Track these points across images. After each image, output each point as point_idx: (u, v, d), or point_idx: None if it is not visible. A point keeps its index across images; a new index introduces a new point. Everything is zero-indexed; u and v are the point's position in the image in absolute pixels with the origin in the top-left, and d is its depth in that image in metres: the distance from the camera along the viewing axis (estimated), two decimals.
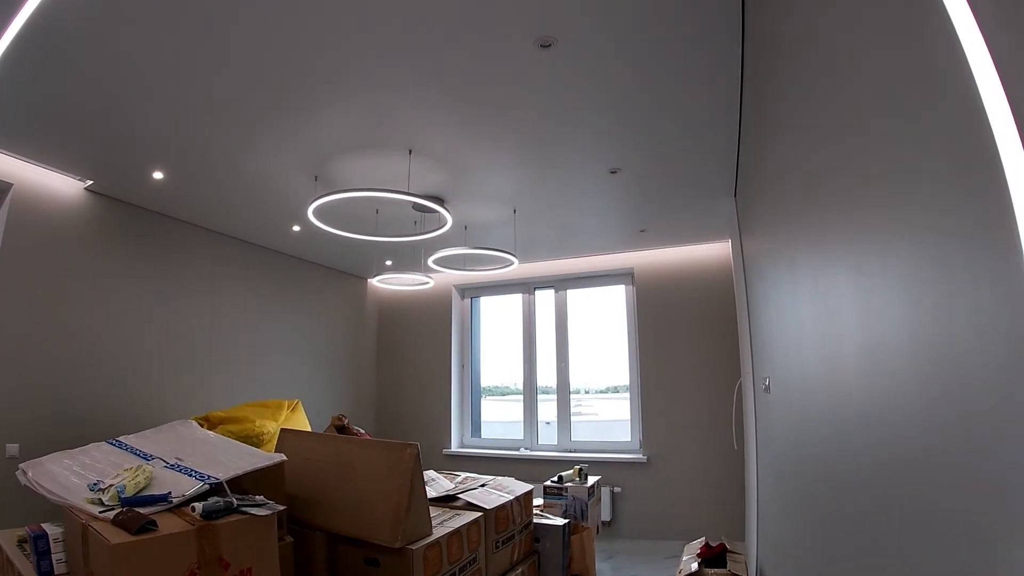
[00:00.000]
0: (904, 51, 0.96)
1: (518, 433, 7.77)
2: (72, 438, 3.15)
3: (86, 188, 4.88)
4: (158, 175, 4.66)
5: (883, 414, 1.18)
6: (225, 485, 2.24)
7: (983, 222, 0.72)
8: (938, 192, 0.86)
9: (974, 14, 0.70)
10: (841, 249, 1.47)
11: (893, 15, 1.01)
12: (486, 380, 8.47)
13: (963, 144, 0.75)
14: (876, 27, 1.11)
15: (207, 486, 2.22)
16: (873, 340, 1.24)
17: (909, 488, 1.04)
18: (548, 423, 7.66)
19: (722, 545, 4.65)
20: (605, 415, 7.69)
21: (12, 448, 4.25)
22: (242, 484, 2.36)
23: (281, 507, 2.26)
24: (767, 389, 3.36)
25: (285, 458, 2.56)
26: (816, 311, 1.81)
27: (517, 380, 7.98)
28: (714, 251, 6.72)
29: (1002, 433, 0.70)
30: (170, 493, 2.18)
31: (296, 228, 6.05)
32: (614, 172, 4.70)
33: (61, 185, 4.72)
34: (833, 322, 1.60)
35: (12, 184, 4.39)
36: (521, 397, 7.86)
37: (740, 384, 5.18)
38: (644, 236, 6.51)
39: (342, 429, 5.50)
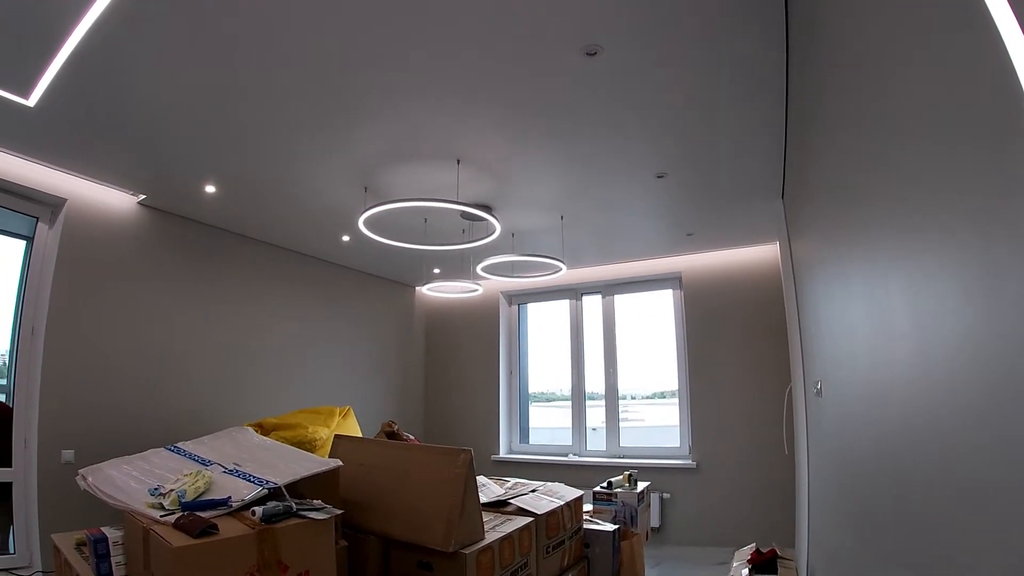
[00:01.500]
0: (961, 46, 0.96)
1: (565, 439, 7.76)
2: (126, 445, 3.25)
3: (139, 202, 5.04)
4: (211, 189, 4.80)
5: (938, 419, 1.16)
6: (283, 489, 2.28)
7: None
8: (991, 193, 0.86)
9: None
10: (892, 253, 1.46)
11: (952, 5, 1.00)
12: (533, 387, 8.48)
13: (1016, 144, 0.75)
14: (933, 16, 1.11)
15: (266, 490, 2.26)
16: (925, 344, 1.23)
17: (969, 497, 1.01)
18: (595, 429, 7.63)
19: (773, 551, 4.59)
20: (651, 420, 7.64)
21: (67, 454, 4.39)
22: (298, 489, 2.39)
23: (339, 511, 2.30)
24: (819, 393, 3.32)
25: (341, 463, 2.60)
26: (868, 316, 1.80)
27: (563, 386, 7.98)
28: (762, 254, 6.64)
29: None
30: (230, 497, 2.21)
31: (346, 238, 6.15)
32: (660, 176, 4.69)
33: (114, 200, 4.89)
34: (885, 327, 1.58)
35: (66, 200, 4.56)
36: (567, 404, 7.85)
37: (791, 388, 5.12)
38: (691, 240, 6.47)
39: (392, 435, 5.56)
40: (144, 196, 4.97)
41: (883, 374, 1.64)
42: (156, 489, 2.32)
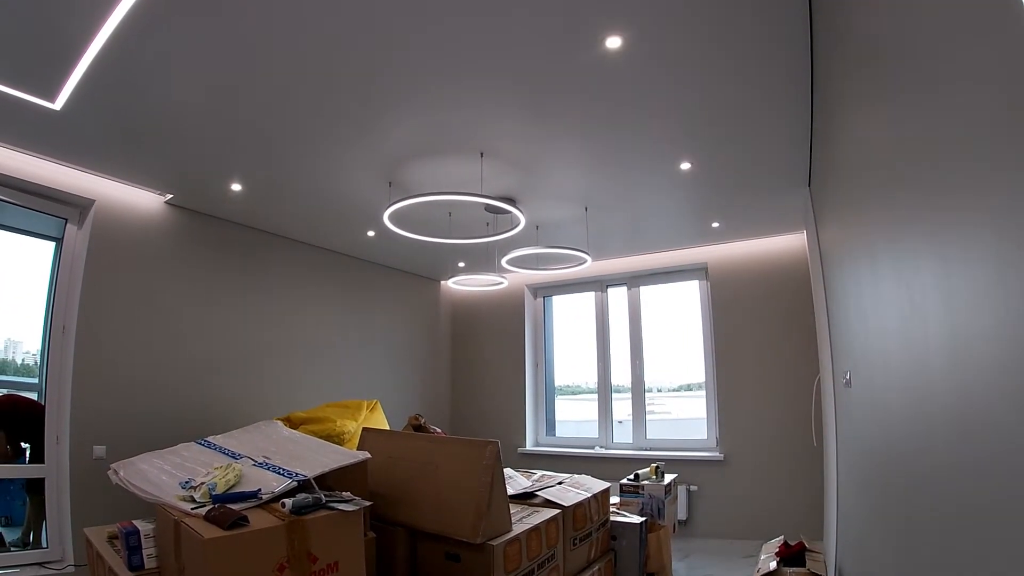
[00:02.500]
0: (993, 32, 0.94)
1: (591, 432, 7.75)
2: (156, 440, 3.29)
3: (166, 202, 5.11)
4: (236, 187, 4.84)
5: (971, 410, 1.14)
6: (312, 482, 2.30)
7: None
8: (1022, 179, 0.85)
9: None
10: (923, 238, 1.44)
11: None
12: (559, 380, 8.47)
13: None
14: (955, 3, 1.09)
15: (295, 483, 2.29)
16: (959, 333, 1.21)
17: (1000, 490, 1.00)
18: (620, 422, 7.62)
19: (801, 544, 4.55)
20: (678, 413, 7.60)
21: (99, 450, 4.47)
22: (327, 481, 2.42)
23: (367, 503, 2.32)
24: (848, 383, 3.29)
25: (369, 456, 2.62)
26: (899, 303, 1.77)
27: (589, 380, 7.96)
28: (789, 243, 6.56)
29: None
30: (259, 490, 2.24)
31: (371, 233, 6.18)
32: (685, 167, 4.65)
33: (141, 200, 4.96)
34: (917, 314, 1.56)
35: (95, 200, 4.64)
36: (594, 396, 7.83)
37: (819, 379, 5.07)
38: (717, 230, 6.41)
39: (419, 428, 5.59)
40: (171, 196, 5.04)
41: (917, 365, 1.61)
42: (187, 482, 2.35)
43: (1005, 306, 0.96)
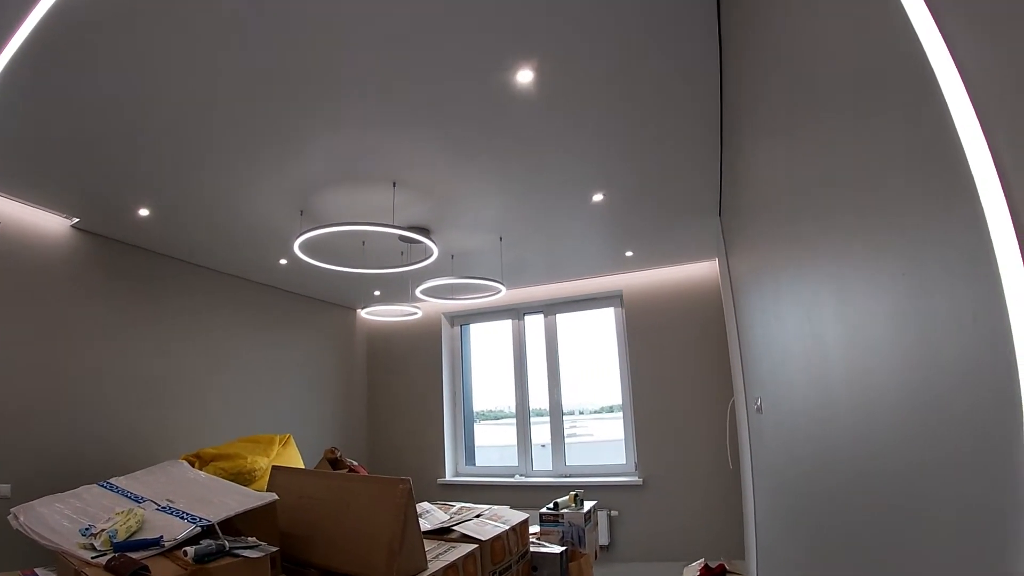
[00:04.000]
0: (883, 62, 0.98)
1: (514, 457, 7.73)
2: (64, 476, 3.10)
3: (72, 226, 4.86)
4: (144, 212, 4.65)
5: (870, 430, 1.20)
6: (216, 527, 2.21)
7: (963, 237, 0.73)
8: (922, 213, 0.87)
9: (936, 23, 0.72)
10: (823, 266, 1.48)
11: (871, 25, 1.02)
12: (480, 405, 8.42)
13: (942, 161, 0.76)
14: (850, 38, 1.13)
15: (199, 528, 2.19)
16: (860, 362, 1.24)
17: (897, 499, 1.07)
18: (544, 445, 7.61)
19: (722, 566, 4.62)
20: (600, 435, 7.65)
21: (4, 488, 4.17)
22: (234, 524, 2.33)
23: (274, 548, 2.23)
24: (759, 409, 3.36)
25: (276, 497, 2.53)
26: (802, 332, 1.82)
27: (511, 404, 7.94)
28: (702, 270, 6.73)
29: (983, 444, 0.72)
30: (162, 537, 2.14)
31: (283, 262, 6.04)
32: (598, 198, 4.72)
33: (47, 223, 4.69)
34: (819, 343, 1.60)
35: None
36: (515, 421, 7.82)
37: (733, 402, 5.18)
38: (631, 258, 6.53)
39: (335, 462, 5.46)
40: (77, 219, 4.79)
41: (820, 392, 1.65)
42: (87, 529, 2.24)
43: (901, 340, 0.99)
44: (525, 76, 3.08)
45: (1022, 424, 0.60)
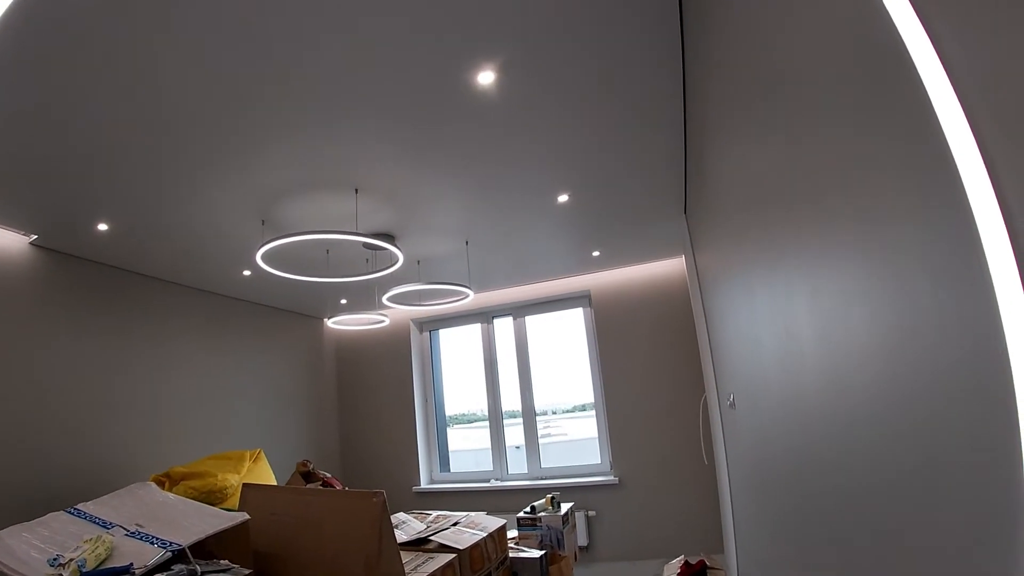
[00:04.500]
0: (855, 53, 0.96)
1: (488, 461, 7.69)
2: (30, 501, 2.99)
3: (31, 243, 4.72)
4: (103, 227, 4.53)
5: (844, 421, 1.21)
6: (187, 551, 2.15)
7: (935, 229, 0.72)
8: (890, 203, 0.86)
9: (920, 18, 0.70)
10: (796, 262, 1.47)
11: (838, 20, 1.01)
12: (452, 409, 8.37)
13: (915, 154, 0.75)
14: (820, 32, 1.12)
15: (170, 553, 2.13)
16: (832, 356, 1.24)
17: (871, 487, 1.09)
18: (518, 447, 7.58)
19: (702, 562, 4.62)
20: (575, 434, 7.64)
21: None
22: (206, 546, 2.27)
23: (247, 571, 2.18)
24: (732, 405, 3.37)
25: (248, 517, 2.48)
26: (775, 327, 1.81)
27: (483, 407, 7.91)
28: (670, 267, 6.76)
29: (951, 441, 0.74)
30: (132, 564, 2.08)
31: (247, 273, 5.94)
32: (563, 199, 4.71)
33: (5, 241, 4.54)
34: (791, 338, 1.59)
35: None
36: (488, 424, 7.79)
37: (705, 399, 5.20)
38: (598, 258, 6.53)
39: (308, 475, 5.38)
40: (35, 236, 4.65)
41: (793, 387, 1.65)
42: (55, 559, 2.17)
43: (873, 333, 0.99)
44: (487, 78, 3.05)
45: (996, 415, 0.59)
